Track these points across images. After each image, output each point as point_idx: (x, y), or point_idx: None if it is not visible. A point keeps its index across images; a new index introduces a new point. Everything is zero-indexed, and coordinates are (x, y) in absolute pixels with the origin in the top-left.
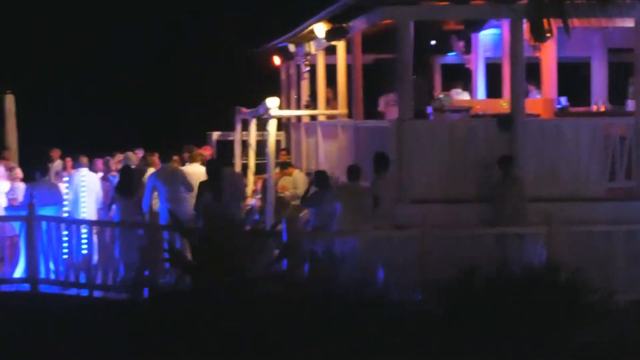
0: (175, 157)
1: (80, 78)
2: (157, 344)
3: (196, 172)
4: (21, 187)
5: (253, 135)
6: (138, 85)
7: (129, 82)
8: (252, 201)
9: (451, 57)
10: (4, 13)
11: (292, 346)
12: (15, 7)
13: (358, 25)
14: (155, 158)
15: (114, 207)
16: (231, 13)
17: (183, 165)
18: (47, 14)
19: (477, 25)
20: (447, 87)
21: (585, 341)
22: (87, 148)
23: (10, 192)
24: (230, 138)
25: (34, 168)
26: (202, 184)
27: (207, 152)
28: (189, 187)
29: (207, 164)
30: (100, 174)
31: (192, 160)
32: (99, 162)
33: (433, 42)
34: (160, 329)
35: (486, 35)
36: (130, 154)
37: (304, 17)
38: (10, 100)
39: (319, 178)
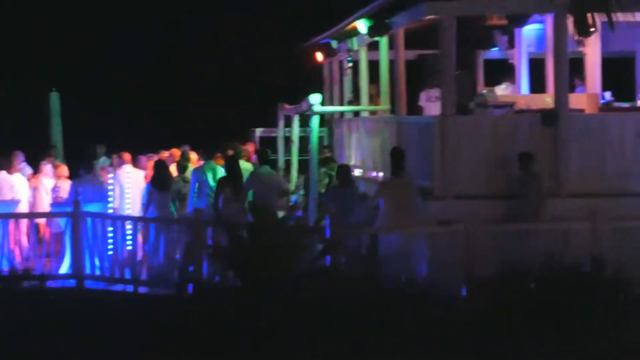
0: (218, 154)
1: (125, 75)
2: (201, 340)
3: (242, 168)
4: (66, 184)
5: (296, 132)
6: (183, 82)
7: (173, 79)
8: (294, 197)
9: (494, 53)
10: (49, 12)
11: (337, 342)
12: (60, 6)
13: (401, 21)
14: (193, 154)
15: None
16: (275, 10)
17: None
18: (92, 12)
19: (521, 20)
20: (494, 82)
21: (631, 339)
22: (131, 145)
23: (55, 190)
24: (273, 134)
25: (78, 165)
26: (221, 180)
27: (250, 148)
28: None
29: (225, 160)
30: (145, 171)
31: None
32: (143, 159)
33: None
34: (204, 325)
35: (529, 30)
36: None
37: (347, 13)
38: (55, 98)
39: (338, 173)
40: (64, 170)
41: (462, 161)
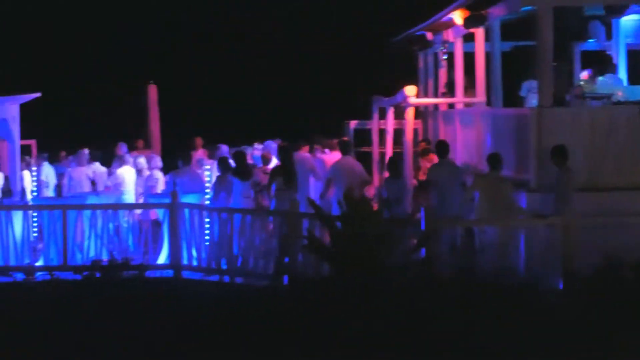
0: (305, 147)
1: (221, 67)
2: (296, 331)
3: (347, 162)
4: (159, 175)
5: (390, 124)
6: (277, 74)
7: (269, 71)
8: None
9: (591, 44)
10: (145, 7)
11: (432, 334)
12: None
13: (497, 12)
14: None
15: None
16: (370, 1)
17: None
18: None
19: (618, 10)
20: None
21: None
22: (227, 137)
23: (148, 180)
24: (367, 127)
25: (176, 157)
26: (274, 169)
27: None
28: (316, 176)
29: (279, 149)
30: None
31: (332, 148)
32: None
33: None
34: (299, 316)
35: (627, 21)
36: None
37: (443, 5)
38: (153, 91)
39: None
40: (158, 161)
41: None
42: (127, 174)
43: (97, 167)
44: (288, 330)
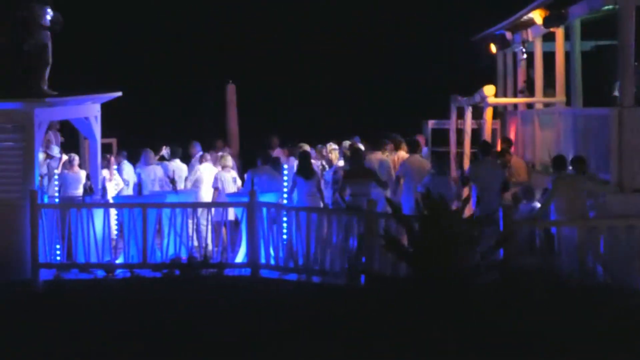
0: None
1: (298, 66)
2: (374, 331)
3: (415, 160)
4: (228, 175)
5: (469, 123)
6: (355, 72)
7: (346, 69)
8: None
9: None
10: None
11: (510, 335)
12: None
13: (577, 11)
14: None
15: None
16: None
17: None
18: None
19: None
20: None
21: None
22: (304, 136)
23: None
24: (445, 126)
25: (254, 156)
26: (350, 169)
27: (422, 140)
28: (386, 175)
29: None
30: (318, 162)
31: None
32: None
33: None
34: (376, 316)
35: None
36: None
37: (522, 4)
38: (231, 90)
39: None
40: (228, 160)
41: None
42: (205, 172)
43: (178, 164)
44: (365, 330)
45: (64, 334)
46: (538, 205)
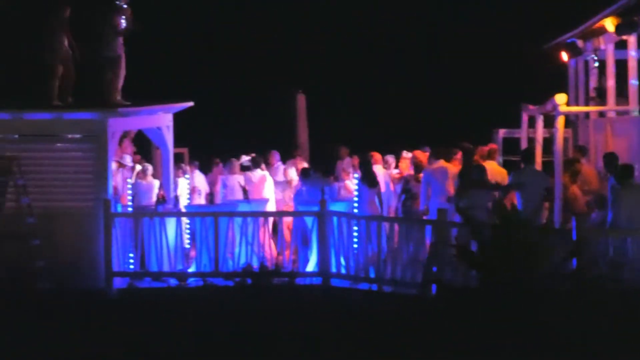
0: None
1: (367, 75)
2: (443, 340)
3: (492, 169)
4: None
5: (540, 132)
6: (423, 81)
7: (414, 79)
8: None
9: None
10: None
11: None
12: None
13: None
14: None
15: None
16: (520, 7)
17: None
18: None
19: None
20: None
21: None
22: (374, 146)
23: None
24: (516, 135)
25: (324, 165)
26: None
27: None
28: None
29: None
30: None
31: (489, 157)
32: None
33: None
34: (447, 326)
35: None
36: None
37: (593, 12)
38: (301, 100)
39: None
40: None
41: None
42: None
43: (259, 174)
44: (437, 339)
45: (137, 342)
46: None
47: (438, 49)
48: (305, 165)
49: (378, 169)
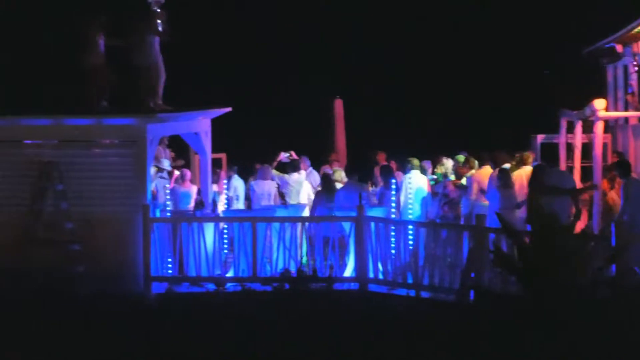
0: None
1: (405, 80)
2: (482, 347)
3: (523, 174)
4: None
5: (579, 138)
6: (460, 86)
7: (451, 85)
8: None
9: None
10: (330, 21)
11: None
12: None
13: None
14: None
15: None
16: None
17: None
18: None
19: None
20: None
21: None
22: (412, 151)
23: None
24: (554, 141)
25: (361, 171)
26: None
27: (531, 156)
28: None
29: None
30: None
31: (523, 162)
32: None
33: None
34: (486, 333)
35: None
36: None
37: (633, 17)
38: (339, 105)
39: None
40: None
41: None
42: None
43: (295, 178)
44: (476, 347)
45: (175, 348)
46: None
47: (477, 54)
48: (340, 170)
49: (416, 174)
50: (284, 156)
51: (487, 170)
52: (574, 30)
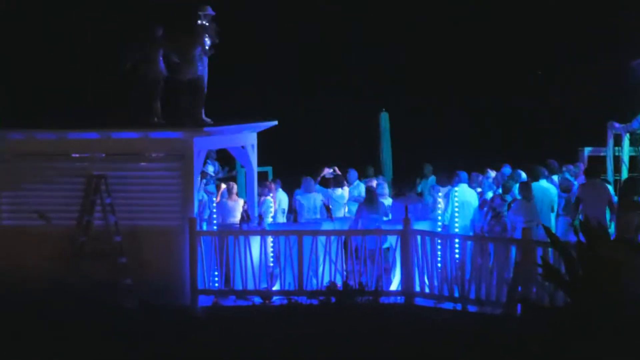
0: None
1: (450, 93)
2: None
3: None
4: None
5: (626, 151)
6: (505, 98)
7: (496, 96)
8: None
9: None
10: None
11: None
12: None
13: None
14: None
15: None
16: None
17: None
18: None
19: None
20: None
21: None
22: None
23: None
24: (602, 153)
25: (405, 183)
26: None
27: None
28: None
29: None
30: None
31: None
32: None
33: None
34: (533, 346)
35: None
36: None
37: None
38: (385, 118)
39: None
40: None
41: None
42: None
43: (339, 193)
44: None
45: None
46: None
47: (524, 66)
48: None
49: (463, 187)
50: (327, 171)
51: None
52: (623, 40)
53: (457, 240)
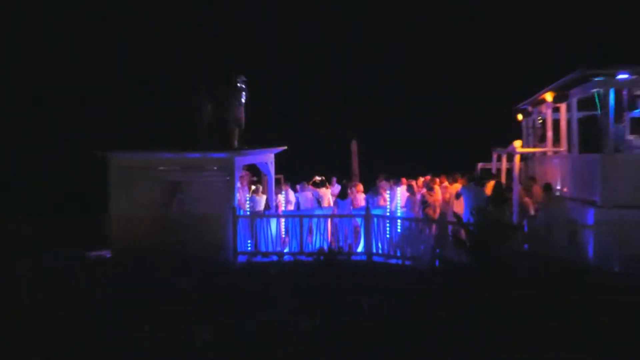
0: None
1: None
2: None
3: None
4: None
5: (504, 165)
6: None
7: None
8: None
9: (637, 112)
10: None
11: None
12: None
13: (575, 93)
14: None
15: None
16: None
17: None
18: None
19: None
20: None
21: None
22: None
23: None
24: (489, 167)
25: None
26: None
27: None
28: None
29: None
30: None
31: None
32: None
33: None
34: (444, 284)
35: None
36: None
37: (539, 88)
38: (354, 145)
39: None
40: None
41: (617, 182)
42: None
43: (323, 191)
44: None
45: (253, 292)
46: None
47: (437, 96)
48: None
49: (403, 189)
50: (317, 178)
51: (455, 186)
52: (506, 92)
53: (399, 222)
